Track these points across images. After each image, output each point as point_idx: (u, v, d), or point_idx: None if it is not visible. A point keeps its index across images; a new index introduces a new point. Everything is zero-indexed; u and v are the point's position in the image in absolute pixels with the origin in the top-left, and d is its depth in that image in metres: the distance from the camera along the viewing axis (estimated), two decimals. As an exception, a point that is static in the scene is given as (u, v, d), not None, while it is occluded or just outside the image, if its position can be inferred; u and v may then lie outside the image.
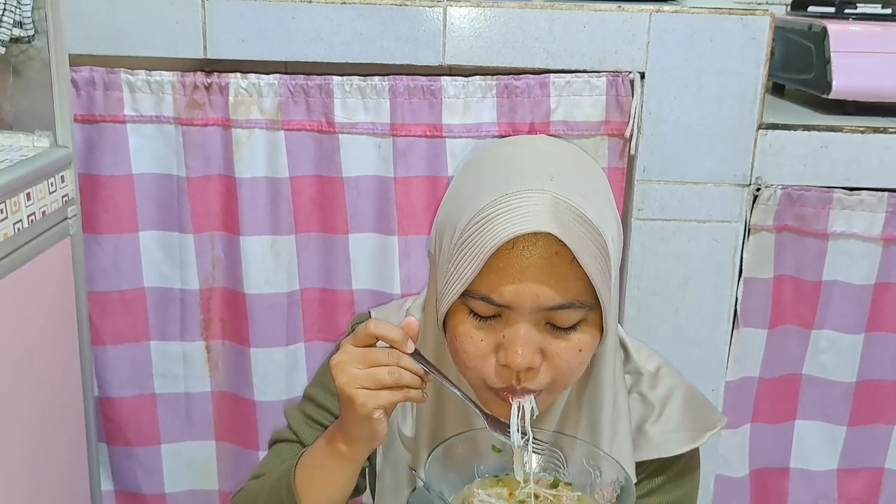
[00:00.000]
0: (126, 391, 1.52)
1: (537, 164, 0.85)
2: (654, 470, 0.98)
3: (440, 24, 1.35)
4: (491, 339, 0.84)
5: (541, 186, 0.81)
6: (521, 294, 0.80)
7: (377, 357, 0.83)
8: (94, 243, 1.43)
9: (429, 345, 0.95)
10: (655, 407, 0.97)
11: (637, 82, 1.37)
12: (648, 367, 0.99)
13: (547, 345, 0.83)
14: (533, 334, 0.82)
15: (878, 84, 1.49)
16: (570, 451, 0.90)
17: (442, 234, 0.88)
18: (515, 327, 0.82)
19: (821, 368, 1.52)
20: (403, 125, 1.39)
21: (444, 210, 0.90)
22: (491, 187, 0.82)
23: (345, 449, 0.88)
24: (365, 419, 0.83)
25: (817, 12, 1.68)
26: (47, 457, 1.22)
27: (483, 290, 0.81)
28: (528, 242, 0.80)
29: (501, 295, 0.81)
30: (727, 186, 1.41)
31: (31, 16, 1.17)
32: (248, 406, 1.51)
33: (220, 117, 1.39)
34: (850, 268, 1.46)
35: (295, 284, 1.47)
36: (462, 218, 0.83)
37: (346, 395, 0.83)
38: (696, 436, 0.95)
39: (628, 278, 1.45)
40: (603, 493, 0.86)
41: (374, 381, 0.82)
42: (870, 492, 1.58)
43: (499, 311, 0.83)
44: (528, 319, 0.82)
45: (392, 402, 0.83)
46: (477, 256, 0.80)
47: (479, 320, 0.84)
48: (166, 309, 1.49)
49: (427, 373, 0.84)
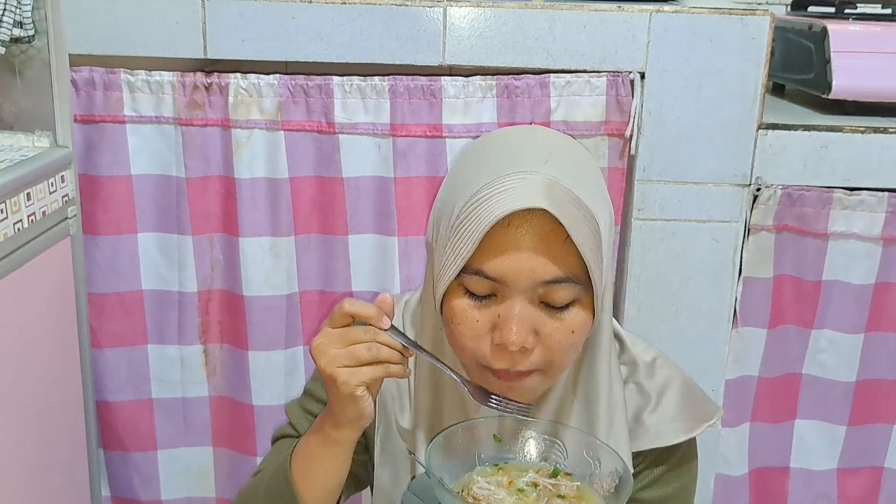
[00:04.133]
0: (123, 395, 1.51)
1: (532, 148, 0.87)
2: (653, 460, 0.98)
3: (440, 24, 1.35)
4: (486, 318, 0.84)
5: (535, 168, 0.83)
6: (516, 268, 0.82)
7: (354, 335, 0.84)
8: (92, 244, 1.43)
9: (427, 335, 0.95)
10: (652, 397, 0.98)
11: (637, 82, 1.37)
12: (645, 358, 1.00)
13: (541, 324, 0.84)
14: (528, 312, 0.83)
15: (878, 84, 1.49)
16: (570, 442, 0.91)
17: (439, 220, 0.89)
18: (510, 304, 0.83)
19: (821, 368, 1.52)
20: (403, 125, 1.39)
21: (441, 198, 0.91)
22: (487, 171, 0.84)
23: (334, 433, 0.89)
24: (349, 398, 0.84)
25: (817, 12, 1.68)
26: (47, 459, 1.21)
27: (478, 266, 0.83)
28: (522, 219, 0.81)
29: (496, 269, 0.82)
30: (727, 186, 1.41)
31: (31, 16, 1.17)
32: (245, 411, 1.50)
33: (219, 117, 1.39)
34: (850, 268, 1.46)
35: (294, 286, 1.47)
36: (458, 201, 0.84)
37: (328, 376, 0.84)
38: (693, 426, 0.96)
39: (628, 278, 1.45)
40: (602, 483, 0.87)
41: (353, 359, 0.83)
42: (870, 491, 1.58)
43: (494, 289, 0.84)
44: (523, 297, 0.83)
45: (374, 378, 0.84)
46: (473, 234, 0.81)
47: (474, 300, 0.85)
48: (164, 312, 1.49)
49: (406, 347, 0.85)
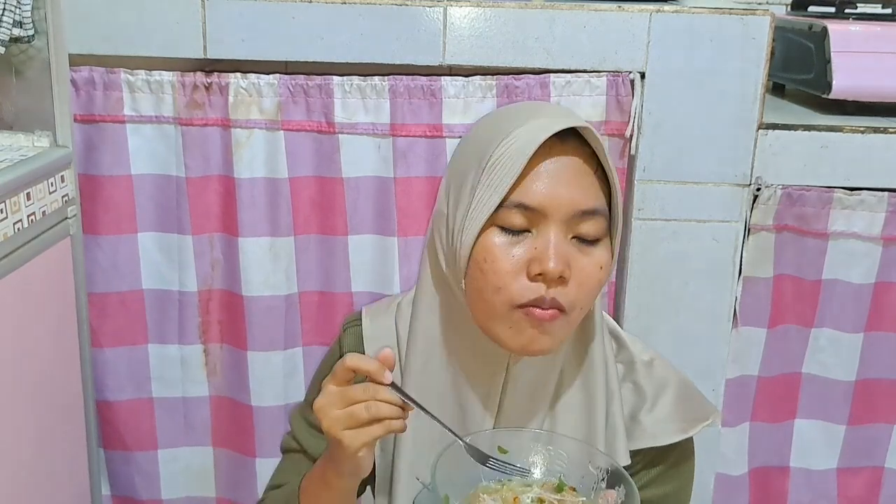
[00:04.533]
0: (123, 395, 1.51)
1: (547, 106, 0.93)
2: (650, 460, 0.99)
3: (440, 24, 1.35)
4: (522, 253, 0.87)
5: (558, 112, 0.90)
6: (556, 196, 0.86)
7: (354, 395, 0.84)
8: (92, 244, 1.43)
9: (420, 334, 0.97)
10: (648, 397, 0.99)
11: (637, 82, 1.37)
12: (643, 357, 1.02)
13: (573, 259, 0.87)
14: (564, 244, 0.87)
15: (878, 84, 1.49)
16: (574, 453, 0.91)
17: (463, 174, 0.91)
18: (547, 236, 0.86)
19: (820, 367, 1.52)
20: (403, 125, 1.39)
21: (458, 160, 0.94)
22: (513, 121, 0.89)
23: (335, 482, 0.92)
24: (351, 457, 0.85)
25: (817, 12, 1.68)
26: (47, 459, 1.21)
27: (517, 198, 0.86)
28: (560, 151, 0.87)
29: (536, 198, 0.86)
30: (727, 186, 1.41)
31: (30, 16, 1.17)
32: (245, 411, 1.50)
33: (219, 117, 1.39)
34: (850, 267, 1.46)
35: (293, 287, 1.47)
36: (488, 148, 0.88)
37: (332, 438, 0.85)
38: (689, 426, 0.97)
39: (628, 278, 1.45)
40: (607, 497, 0.86)
41: (354, 420, 0.83)
42: (869, 491, 1.58)
43: (530, 223, 0.87)
44: (560, 229, 0.87)
45: (375, 437, 0.84)
46: (514, 164, 0.85)
47: (509, 236, 0.87)
48: (164, 311, 1.49)
49: (406, 403, 0.85)
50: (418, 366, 0.97)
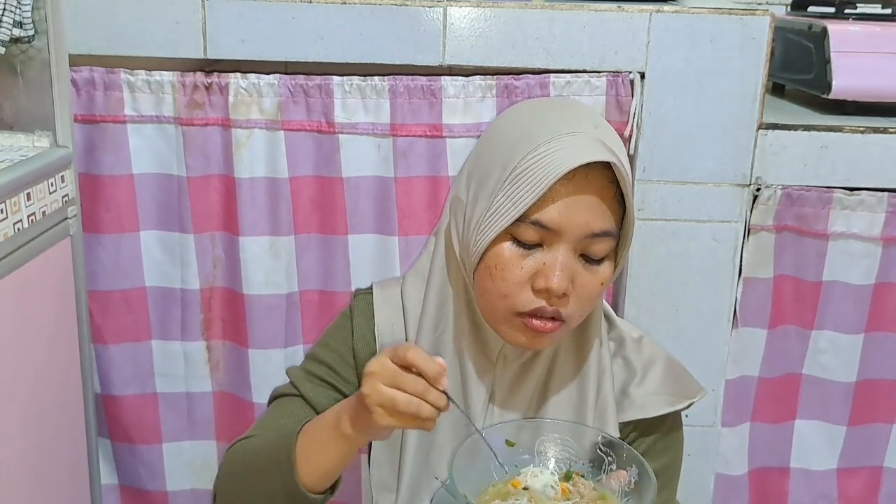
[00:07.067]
0: (128, 389, 1.52)
1: (580, 113, 0.95)
2: (640, 434, 1.03)
3: (440, 24, 1.35)
4: (530, 266, 0.90)
5: (589, 131, 0.90)
6: (572, 218, 0.89)
7: (404, 382, 0.84)
8: (95, 243, 1.43)
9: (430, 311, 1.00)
10: (637, 371, 1.03)
11: (637, 82, 1.37)
12: (632, 335, 1.06)
13: (577, 275, 0.91)
14: (570, 262, 0.90)
15: (878, 84, 1.49)
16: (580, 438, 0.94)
17: (486, 172, 0.92)
18: (555, 253, 0.90)
19: (820, 368, 1.52)
20: (403, 125, 1.39)
21: (482, 154, 0.96)
22: (544, 127, 0.90)
23: (350, 433, 0.90)
24: (372, 426, 0.87)
25: (817, 12, 1.68)
26: (47, 453, 1.22)
27: (536, 216, 0.89)
28: (583, 174, 0.88)
29: (553, 219, 0.89)
30: (727, 186, 1.41)
31: (31, 16, 1.17)
32: (247, 408, 1.51)
33: (219, 117, 1.39)
34: (850, 268, 1.46)
35: (294, 286, 1.47)
36: (514, 154, 0.90)
37: (365, 406, 0.85)
38: (676, 401, 1.01)
39: (628, 278, 1.45)
40: (619, 477, 0.89)
41: (392, 404, 0.84)
42: (869, 491, 1.58)
43: (542, 239, 0.90)
44: (569, 248, 0.90)
45: (402, 427, 0.86)
46: (538, 184, 0.87)
47: (521, 248, 0.91)
48: (167, 308, 1.50)
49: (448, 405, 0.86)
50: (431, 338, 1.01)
